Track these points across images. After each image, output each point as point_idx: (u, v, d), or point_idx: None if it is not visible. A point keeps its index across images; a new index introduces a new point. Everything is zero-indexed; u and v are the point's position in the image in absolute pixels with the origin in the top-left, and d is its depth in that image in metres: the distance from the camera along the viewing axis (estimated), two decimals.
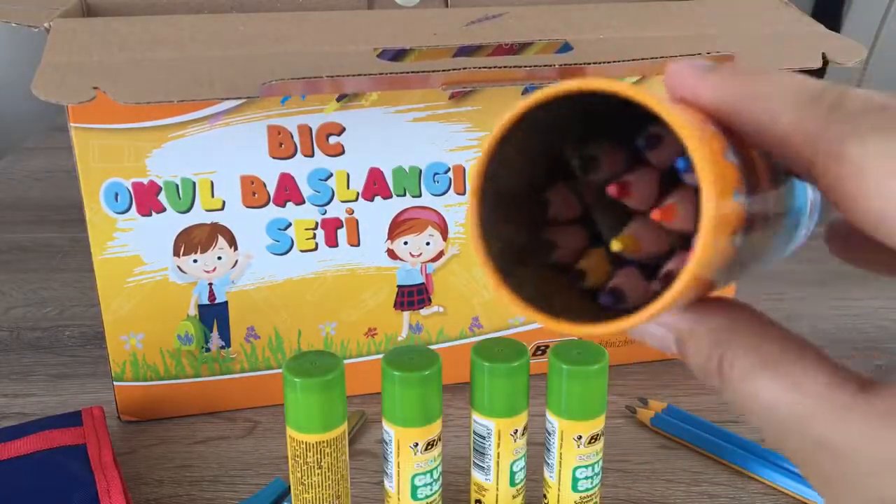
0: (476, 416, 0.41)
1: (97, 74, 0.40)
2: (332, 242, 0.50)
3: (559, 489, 0.42)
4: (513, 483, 0.42)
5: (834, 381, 0.19)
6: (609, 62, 0.44)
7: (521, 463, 0.42)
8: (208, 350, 0.51)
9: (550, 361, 0.40)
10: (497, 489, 0.42)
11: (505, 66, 0.44)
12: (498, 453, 0.41)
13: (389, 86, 0.47)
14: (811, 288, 0.68)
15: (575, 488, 0.42)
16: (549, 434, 0.41)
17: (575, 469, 0.41)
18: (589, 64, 0.44)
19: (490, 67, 0.43)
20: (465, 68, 0.43)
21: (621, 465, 0.49)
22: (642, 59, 0.45)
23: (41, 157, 0.95)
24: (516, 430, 0.41)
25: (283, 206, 0.49)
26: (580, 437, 0.40)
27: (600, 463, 0.42)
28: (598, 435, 0.41)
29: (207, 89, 0.40)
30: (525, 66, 0.44)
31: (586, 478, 0.41)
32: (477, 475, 0.43)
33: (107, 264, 0.48)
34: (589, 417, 0.40)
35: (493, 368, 0.39)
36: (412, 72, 0.43)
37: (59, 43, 0.42)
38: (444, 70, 0.43)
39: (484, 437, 0.41)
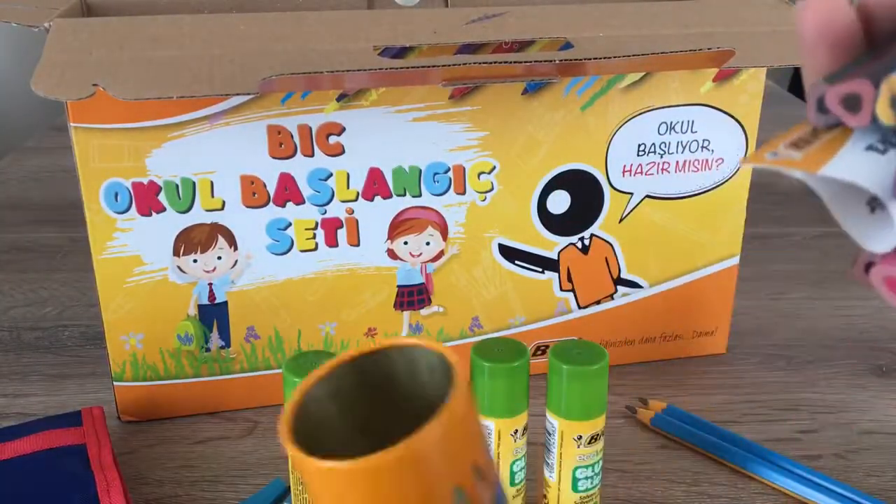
0: None
1: (97, 71, 0.40)
2: (332, 242, 0.50)
3: (559, 489, 0.42)
4: (513, 483, 0.42)
5: None
6: (609, 58, 0.44)
7: (521, 463, 0.42)
8: (208, 350, 0.51)
9: (550, 361, 0.40)
10: None
11: (505, 62, 0.44)
12: (498, 453, 0.41)
13: (389, 82, 0.47)
14: (811, 288, 0.68)
15: (575, 488, 0.41)
16: (549, 434, 0.41)
17: (575, 469, 0.41)
18: (589, 59, 0.44)
19: (490, 63, 0.43)
20: (464, 64, 0.43)
21: (621, 466, 0.49)
22: (642, 54, 0.45)
23: (41, 157, 0.95)
24: (516, 431, 0.41)
25: (283, 206, 0.49)
26: (580, 438, 0.40)
27: (600, 463, 0.42)
28: (598, 435, 0.41)
29: (207, 86, 0.40)
30: (525, 62, 0.44)
31: (586, 478, 0.41)
32: None
33: (107, 264, 0.48)
34: (589, 417, 0.40)
35: (493, 368, 0.39)
36: (412, 67, 0.43)
37: (59, 42, 0.42)
38: (443, 66, 0.43)
39: None
